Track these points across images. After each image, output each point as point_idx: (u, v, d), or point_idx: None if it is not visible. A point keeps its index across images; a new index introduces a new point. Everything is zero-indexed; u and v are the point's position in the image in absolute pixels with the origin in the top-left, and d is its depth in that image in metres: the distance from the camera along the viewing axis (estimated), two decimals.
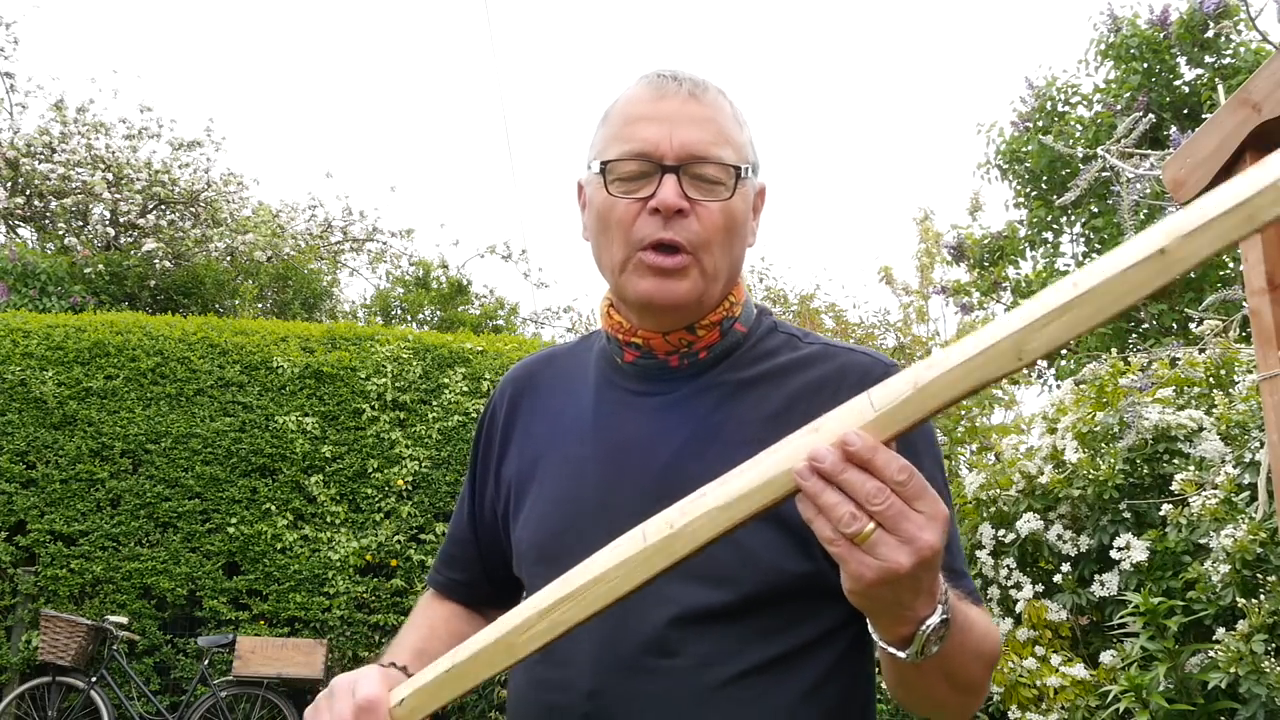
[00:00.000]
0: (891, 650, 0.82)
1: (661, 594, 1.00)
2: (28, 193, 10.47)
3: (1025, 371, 8.77)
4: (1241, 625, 2.70)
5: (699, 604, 1.00)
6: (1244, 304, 3.40)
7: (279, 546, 6.41)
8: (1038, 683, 3.24)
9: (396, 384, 6.82)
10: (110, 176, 10.36)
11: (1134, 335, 7.32)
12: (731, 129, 1.08)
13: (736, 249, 1.09)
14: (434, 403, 6.85)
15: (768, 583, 0.99)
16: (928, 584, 0.77)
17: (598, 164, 1.08)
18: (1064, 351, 8.24)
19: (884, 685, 0.98)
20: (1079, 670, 3.15)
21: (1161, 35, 7.64)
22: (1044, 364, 8.59)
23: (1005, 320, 0.73)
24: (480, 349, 7.09)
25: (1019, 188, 8.58)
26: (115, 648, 5.93)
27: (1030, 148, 8.07)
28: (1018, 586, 3.53)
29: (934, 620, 0.80)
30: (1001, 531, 3.64)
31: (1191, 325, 5.73)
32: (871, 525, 0.73)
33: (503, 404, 1.24)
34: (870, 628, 0.84)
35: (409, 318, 11.90)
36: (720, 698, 0.99)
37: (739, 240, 1.09)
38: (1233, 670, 2.63)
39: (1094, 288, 0.70)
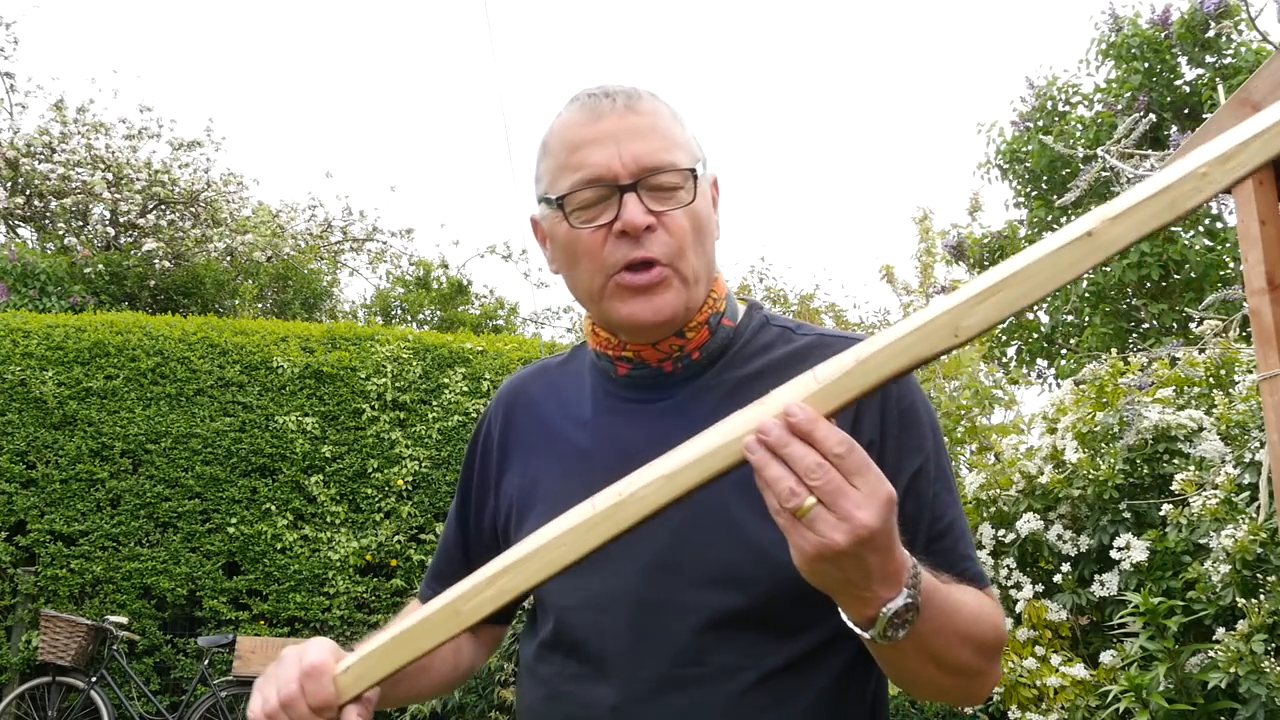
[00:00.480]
0: (858, 630, 0.83)
1: (685, 602, 1.00)
2: (28, 193, 10.47)
3: (1026, 372, 8.76)
4: (1241, 625, 2.70)
5: (723, 609, 1.00)
6: (1244, 304, 3.40)
7: (279, 546, 6.41)
8: (1038, 683, 3.24)
9: (396, 384, 6.82)
10: (110, 176, 10.36)
11: (1134, 335, 7.32)
12: (674, 130, 1.07)
13: (708, 248, 1.09)
14: (434, 403, 6.85)
15: (782, 580, 0.98)
16: (877, 565, 0.78)
17: (553, 199, 1.06)
18: (1064, 351, 8.24)
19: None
20: (1079, 670, 3.15)
21: (1162, 35, 7.64)
22: (1044, 364, 8.59)
23: (945, 299, 0.76)
24: (480, 349, 7.09)
25: (1019, 187, 8.58)
26: (115, 648, 5.93)
27: (1030, 148, 8.08)
28: (1018, 586, 3.53)
29: (896, 604, 0.80)
30: (1001, 531, 3.64)
31: (1191, 325, 5.73)
32: (811, 500, 0.74)
33: (498, 420, 1.23)
34: (839, 608, 0.84)
35: (409, 318, 11.91)
36: (743, 705, 0.99)
37: (709, 239, 1.09)
38: (1233, 670, 2.63)
39: (1025, 267, 0.73)
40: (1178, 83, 7.77)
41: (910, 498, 1.01)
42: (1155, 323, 7.21)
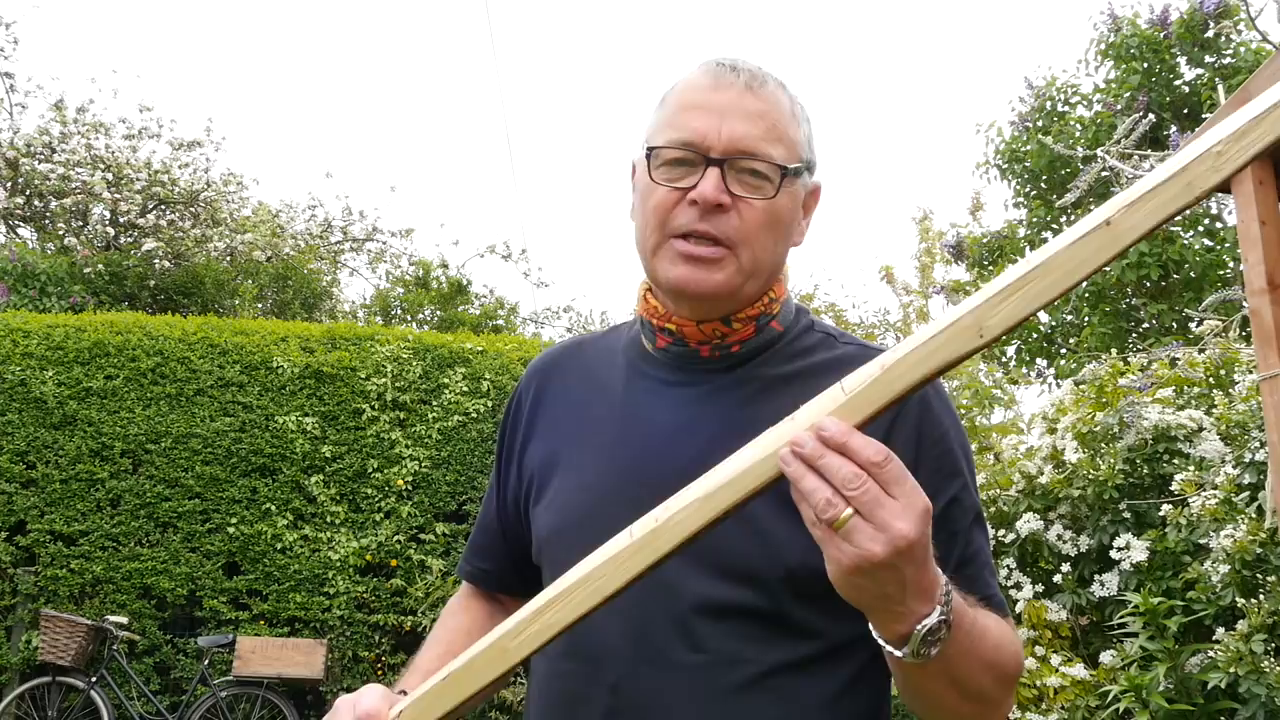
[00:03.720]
0: (889, 648, 0.81)
1: (688, 588, 0.99)
2: (28, 193, 10.47)
3: (1026, 372, 8.76)
4: (1241, 625, 2.70)
5: (728, 600, 0.99)
6: (1244, 304, 3.40)
7: (279, 546, 6.41)
8: (1038, 683, 3.24)
9: (396, 384, 6.82)
10: (110, 176, 10.36)
11: (1134, 335, 7.32)
12: (787, 125, 1.06)
13: (779, 247, 1.08)
14: (434, 403, 6.85)
15: (793, 579, 0.98)
16: (913, 577, 0.76)
17: (647, 147, 1.07)
18: (1063, 351, 8.24)
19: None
20: (1079, 670, 3.15)
21: (1161, 35, 7.65)
22: (1044, 363, 8.59)
23: (967, 301, 0.74)
24: (480, 349, 7.09)
25: (1019, 187, 8.59)
26: (115, 648, 5.93)
27: (1029, 147, 8.08)
28: (1018, 586, 3.54)
29: (931, 620, 0.79)
30: (1001, 531, 3.64)
31: (1191, 325, 5.73)
32: (849, 511, 0.73)
33: (529, 392, 1.23)
34: (870, 625, 0.83)
35: (409, 318, 11.90)
36: (744, 697, 0.98)
37: (782, 238, 1.08)
38: (1232, 670, 2.63)
39: (1046, 262, 0.72)
40: (1177, 83, 7.77)
41: (943, 525, 0.98)
42: (1155, 323, 7.22)
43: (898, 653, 0.81)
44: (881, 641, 0.82)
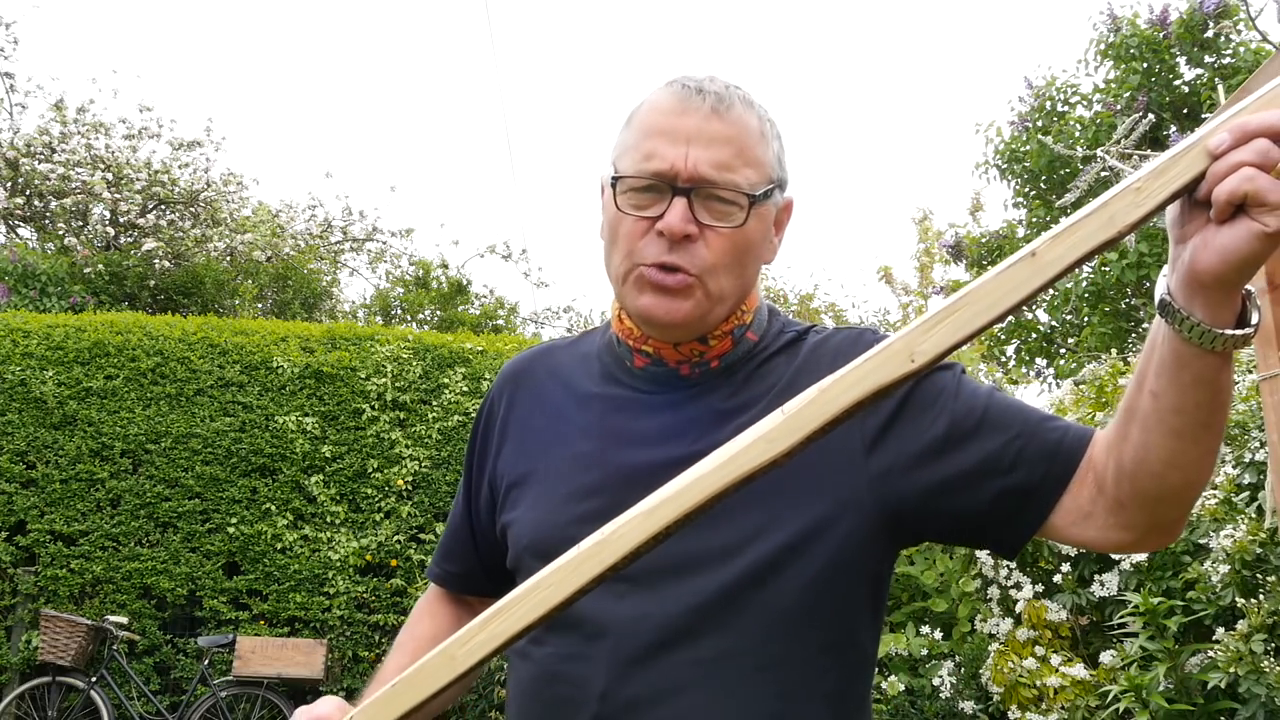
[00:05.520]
0: (1220, 333, 0.77)
1: (681, 585, 0.99)
2: (28, 193, 10.47)
3: (1026, 371, 8.76)
4: (1241, 625, 2.70)
5: (717, 591, 0.98)
6: None
7: (279, 546, 6.41)
8: (1038, 683, 3.24)
9: (396, 384, 6.81)
10: (110, 176, 10.36)
11: (1134, 335, 7.32)
12: (755, 146, 1.04)
13: (748, 271, 1.07)
14: (434, 403, 6.85)
15: (781, 574, 0.98)
16: None
17: (612, 176, 1.06)
18: (1063, 351, 8.24)
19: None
20: (1079, 670, 3.15)
21: (1161, 35, 7.65)
22: (1044, 363, 8.59)
23: (905, 328, 0.77)
24: (480, 349, 7.09)
25: (1018, 187, 8.59)
26: (115, 648, 5.93)
27: (1029, 147, 8.08)
28: (1018, 586, 3.54)
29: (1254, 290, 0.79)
30: None
31: None
32: None
33: (501, 398, 1.22)
34: (1195, 322, 0.77)
35: (409, 318, 11.90)
36: (738, 693, 0.97)
37: (751, 263, 1.07)
38: (1232, 670, 2.63)
39: (973, 290, 0.75)
40: (1177, 83, 7.77)
41: (970, 443, 0.97)
42: None
43: (1234, 331, 0.77)
44: (1211, 329, 0.77)
